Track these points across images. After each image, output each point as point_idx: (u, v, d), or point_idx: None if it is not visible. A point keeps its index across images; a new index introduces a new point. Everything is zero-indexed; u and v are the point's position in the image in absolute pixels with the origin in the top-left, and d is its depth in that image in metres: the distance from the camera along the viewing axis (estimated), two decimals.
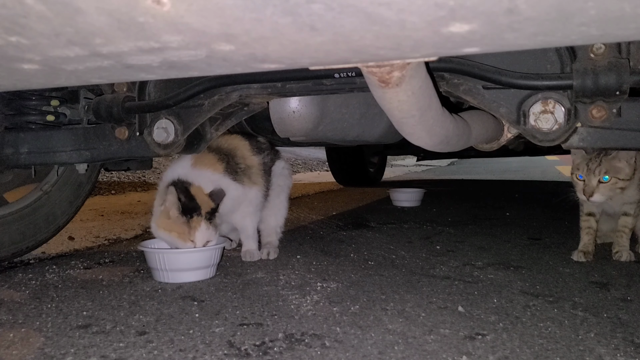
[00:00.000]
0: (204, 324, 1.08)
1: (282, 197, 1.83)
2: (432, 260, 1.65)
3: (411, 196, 3.16)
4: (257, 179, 1.70)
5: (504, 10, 0.56)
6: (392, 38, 0.64)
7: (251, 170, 1.68)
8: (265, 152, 1.77)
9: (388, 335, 1.01)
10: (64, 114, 1.63)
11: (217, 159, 1.61)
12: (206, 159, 1.60)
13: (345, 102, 1.72)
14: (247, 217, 1.69)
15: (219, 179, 1.58)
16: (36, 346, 0.98)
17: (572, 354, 0.92)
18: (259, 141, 1.80)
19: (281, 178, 1.83)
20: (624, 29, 0.61)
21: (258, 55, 0.69)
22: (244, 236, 1.71)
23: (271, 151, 1.83)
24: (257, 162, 1.71)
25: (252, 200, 1.69)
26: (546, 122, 1.12)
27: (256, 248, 1.71)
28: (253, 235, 1.72)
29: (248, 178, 1.67)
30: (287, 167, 1.91)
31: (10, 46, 0.65)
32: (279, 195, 1.81)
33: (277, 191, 1.80)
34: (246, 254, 1.68)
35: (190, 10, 0.56)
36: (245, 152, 1.70)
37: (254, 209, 1.70)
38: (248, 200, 1.67)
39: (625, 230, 1.63)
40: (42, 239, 1.75)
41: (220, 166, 1.61)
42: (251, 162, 1.70)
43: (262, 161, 1.73)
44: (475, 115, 1.48)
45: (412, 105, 0.97)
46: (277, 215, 1.81)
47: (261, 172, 1.72)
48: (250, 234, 1.71)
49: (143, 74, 0.79)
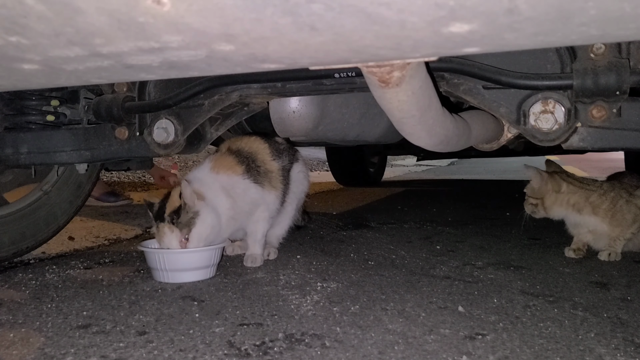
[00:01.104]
0: (204, 324, 1.08)
1: (292, 206, 1.78)
2: (432, 260, 1.65)
3: None
4: (277, 184, 1.67)
5: (504, 10, 0.56)
6: (392, 38, 0.64)
7: (271, 174, 1.66)
8: (283, 154, 1.74)
9: (388, 335, 1.01)
10: (64, 114, 1.63)
11: (236, 162, 1.60)
12: (225, 161, 1.60)
13: (345, 102, 1.72)
14: (260, 221, 1.64)
15: (238, 182, 1.56)
16: (36, 346, 0.98)
17: (572, 354, 0.92)
18: (278, 142, 1.76)
19: (295, 184, 1.78)
20: (624, 29, 0.61)
21: (258, 55, 0.69)
22: (252, 240, 1.65)
23: (289, 153, 1.78)
24: (276, 167, 1.68)
25: (270, 204, 1.65)
26: (546, 122, 1.12)
27: (261, 254, 1.65)
28: (261, 240, 1.66)
29: (269, 182, 1.64)
30: (304, 170, 1.86)
31: (10, 46, 0.65)
32: (291, 202, 1.78)
33: (291, 198, 1.77)
34: (249, 258, 1.62)
35: (190, 10, 0.56)
36: (265, 157, 1.67)
37: (270, 214, 1.66)
38: (265, 204, 1.64)
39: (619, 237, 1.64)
40: (42, 239, 1.75)
41: (239, 168, 1.59)
42: (271, 167, 1.67)
43: (281, 166, 1.70)
44: (475, 115, 1.48)
45: (412, 105, 0.97)
46: (282, 224, 1.79)
47: (281, 178, 1.69)
48: (259, 238, 1.65)
49: (143, 74, 0.79)
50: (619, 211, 1.61)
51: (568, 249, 1.70)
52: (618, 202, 1.62)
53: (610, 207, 1.61)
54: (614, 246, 1.64)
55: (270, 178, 1.65)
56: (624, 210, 1.62)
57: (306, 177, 1.87)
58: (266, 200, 1.63)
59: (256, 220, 1.63)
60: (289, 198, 1.76)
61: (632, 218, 1.62)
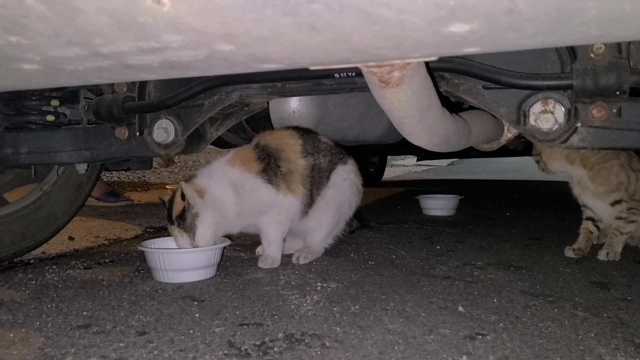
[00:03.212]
0: (204, 324, 1.08)
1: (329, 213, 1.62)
2: (432, 260, 1.65)
3: (445, 203, 2.78)
4: (297, 186, 1.55)
5: (504, 10, 0.56)
6: (392, 38, 0.64)
7: (293, 175, 1.54)
8: (321, 154, 1.60)
9: (388, 335, 1.01)
10: (64, 114, 1.63)
11: (255, 157, 1.52)
12: (245, 155, 1.52)
13: (345, 102, 1.72)
14: (274, 224, 1.55)
15: (248, 179, 1.50)
16: (36, 346, 0.98)
17: (572, 354, 0.92)
18: (319, 140, 1.63)
19: (335, 190, 1.63)
20: (624, 29, 0.61)
21: (258, 55, 0.69)
22: (265, 241, 1.58)
23: (331, 154, 1.64)
24: (302, 166, 1.55)
25: (285, 209, 1.55)
26: (546, 122, 1.12)
27: (279, 257, 1.57)
28: (275, 242, 1.57)
29: (286, 184, 1.53)
30: (351, 178, 1.68)
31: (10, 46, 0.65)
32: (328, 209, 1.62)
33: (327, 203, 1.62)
34: (265, 260, 1.55)
35: (190, 10, 0.56)
36: (291, 154, 1.55)
37: (285, 217, 1.55)
38: (279, 207, 1.54)
39: (616, 233, 1.65)
40: (42, 239, 1.75)
41: (255, 165, 1.51)
42: (296, 166, 1.55)
43: (310, 164, 1.57)
44: (475, 115, 1.49)
45: (412, 105, 0.97)
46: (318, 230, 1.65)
47: (305, 179, 1.56)
48: (272, 240, 1.57)
49: (143, 74, 0.79)
50: (607, 169, 1.61)
51: (568, 248, 1.70)
52: (611, 160, 1.61)
53: (600, 161, 1.61)
54: (613, 244, 1.64)
55: (289, 180, 1.53)
56: (612, 172, 1.61)
57: (352, 186, 1.69)
58: (280, 203, 1.53)
59: (269, 222, 1.55)
60: (324, 201, 1.62)
61: (617, 184, 1.61)
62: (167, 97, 1.36)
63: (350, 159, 1.71)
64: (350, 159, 1.71)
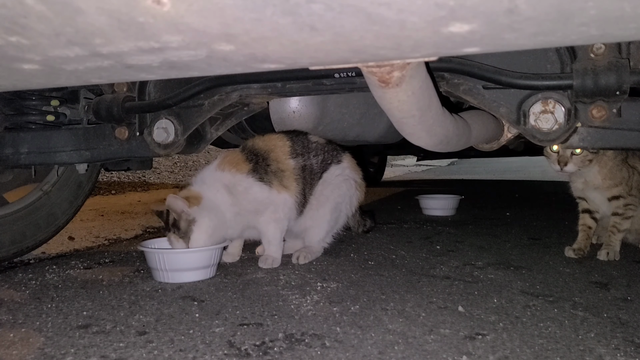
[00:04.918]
0: (204, 324, 1.08)
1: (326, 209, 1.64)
2: (432, 260, 1.65)
3: (445, 203, 2.78)
4: (290, 183, 1.57)
5: (504, 10, 0.56)
6: (392, 38, 0.64)
7: (284, 173, 1.56)
8: (311, 153, 1.62)
9: (388, 335, 1.01)
10: (64, 114, 1.63)
11: (244, 159, 1.54)
12: (233, 158, 1.55)
13: (345, 102, 1.72)
14: (271, 222, 1.56)
15: (240, 179, 1.52)
16: (36, 346, 0.98)
17: (572, 354, 0.92)
18: (309, 140, 1.64)
19: (329, 187, 1.64)
20: (624, 29, 0.61)
21: (258, 55, 0.69)
22: (265, 241, 1.60)
23: (324, 153, 1.66)
24: (292, 166, 1.58)
25: (280, 205, 1.56)
26: (546, 122, 1.12)
27: (279, 257, 1.58)
28: (275, 242, 1.58)
29: (279, 181, 1.55)
30: (345, 175, 1.69)
31: (10, 46, 0.65)
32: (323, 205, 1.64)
33: (321, 201, 1.64)
34: (265, 260, 1.56)
35: (190, 10, 0.56)
36: (280, 155, 1.58)
37: (282, 215, 1.57)
38: (275, 205, 1.55)
39: (613, 230, 1.66)
40: (42, 239, 1.75)
41: (244, 166, 1.53)
42: (285, 166, 1.57)
43: (300, 165, 1.59)
44: (475, 115, 1.48)
45: (412, 105, 0.97)
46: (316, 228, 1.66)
47: (296, 177, 1.58)
48: (271, 240, 1.58)
49: (143, 74, 0.79)
50: (616, 165, 1.63)
51: (568, 248, 1.70)
52: (619, 156, 1.63)
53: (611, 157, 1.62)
54: (612, 243, 1.64)
55: (281, 177, 1.56)
56: (618, 166, 1.63)
57: (347, 181, 1.70)
58: (275, 200, 1.55)
59: (267, 221, 1.57)
60: (317, 200, 1.63)
61: (621, 178, 1.63)
62: (167, 97, 1.36)
63: (346, 154, 1.73)
64: (345, 155, 1.73)
